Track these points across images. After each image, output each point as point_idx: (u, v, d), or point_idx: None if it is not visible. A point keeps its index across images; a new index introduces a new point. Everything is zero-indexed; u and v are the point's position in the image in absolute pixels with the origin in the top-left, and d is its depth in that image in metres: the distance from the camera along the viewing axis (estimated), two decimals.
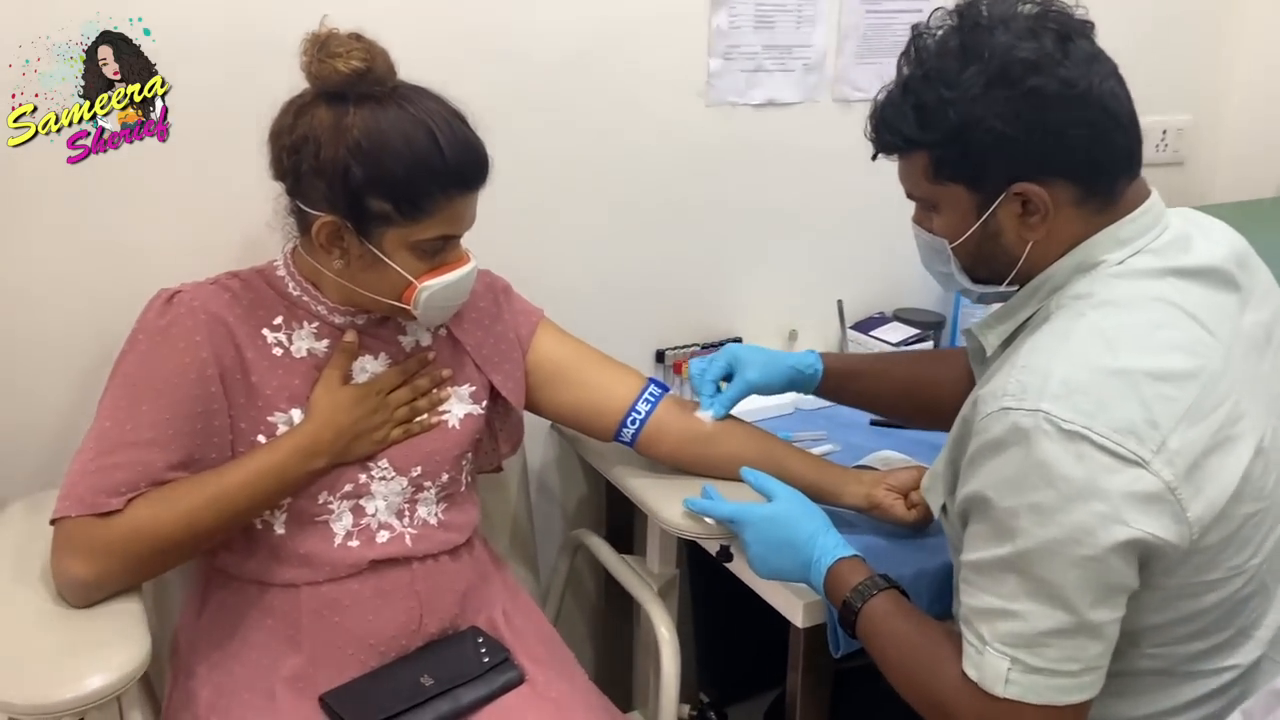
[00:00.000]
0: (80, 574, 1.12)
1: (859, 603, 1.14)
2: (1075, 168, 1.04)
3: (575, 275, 1.73)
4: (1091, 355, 0.98)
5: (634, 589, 1.48)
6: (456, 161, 1.18)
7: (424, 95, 1.21)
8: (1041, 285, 1.09)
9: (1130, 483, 0.94)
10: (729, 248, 1.85)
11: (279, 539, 1.25)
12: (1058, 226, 1.06)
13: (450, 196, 1.19)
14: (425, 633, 1.29)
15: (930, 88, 1.05)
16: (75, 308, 1.39)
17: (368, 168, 1.15)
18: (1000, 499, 0.98)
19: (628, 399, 1.40)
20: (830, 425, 1.76)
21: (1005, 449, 0.97)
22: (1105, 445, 0.94)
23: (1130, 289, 1.04)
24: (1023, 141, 1.02)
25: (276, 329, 1.26)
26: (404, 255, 1.21)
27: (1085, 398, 0.95)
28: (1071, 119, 1.01)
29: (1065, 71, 1.01)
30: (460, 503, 1.37)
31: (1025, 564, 0.97)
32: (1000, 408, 0.98)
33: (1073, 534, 0.94)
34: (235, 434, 1.23)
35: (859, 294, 1.98)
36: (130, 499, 1.13)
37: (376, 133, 1.15)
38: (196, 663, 1.26)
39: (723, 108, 1.76)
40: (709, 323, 1.88)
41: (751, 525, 1.25)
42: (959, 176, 1.07)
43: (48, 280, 1.37)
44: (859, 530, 1.42)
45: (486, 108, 1.54)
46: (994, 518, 0.99)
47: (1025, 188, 1.04)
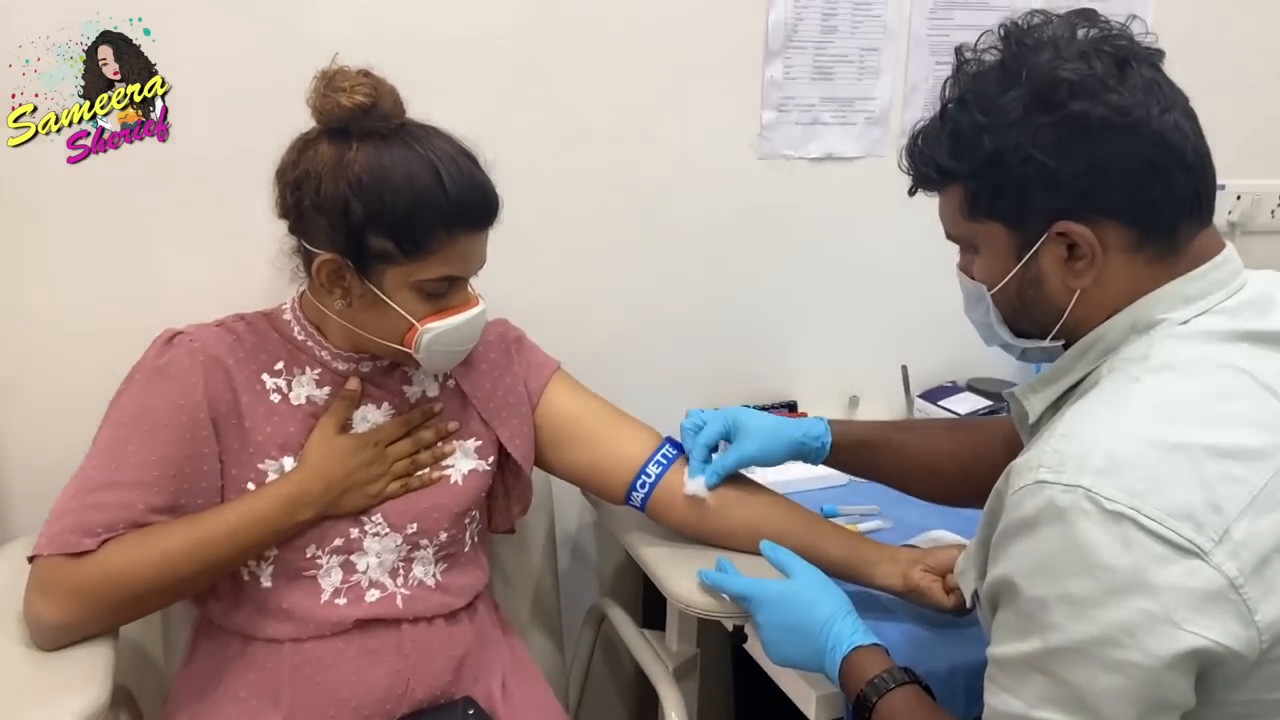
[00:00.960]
0: (48, 615, 1.09)
1: (874, 697, 1.02)
2: (1127, 207, 0.91)
3: (618, 330, 1.68)
4: (1144, 425, 0.84)
5: (648, 667, 1.38)
6: (460, 199, 1.14)
7: (431, 133, 1.18)
8: (1092, 346, 0.95)
9: (1185, 577, 0.79)
10: (783, 306, 1.77)
11: (264, 592, 1.20)
12: (1108, 276, 0.93)
13: (454, 235, 1.15)
14: (413, 699, 1.22)
15: (966, 113, 0.95)
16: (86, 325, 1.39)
17: (368, 204, 1.12)
18: (1029, 586, 0.85)
19: (638, 459, 1.31)
20: (886, 499, 1.62)
21: (1038, 529, 0.84)
22: (1156, 531, 0.80)
23: (1194, 352, 0.90)
24: (1065, 174, 0.90)
25: (277, 374, 1.23)
26: (406, 296, 1.16)
27: (1135, 474, 0.81)
28: (1122, 151, 0.90)
29: (1116, 98, 0.89)
30: (463, 564, 1.30)
31: (1054, 665, 0.83)
32: (1035, 481, 0.85)
33: (1111, 634, 0.80)
34: (226, 480, 1.19)
35: (927, 360, 1.86)
36: (105, 540, 1.10)
37: (378, 169, 1.12)
38: (177, 712, 1.22)
39: (776, 161, 1.69)
40: (761, 384, 1.79)
41: (764, 605, 1.14)
42: (996, 213, 0.96)
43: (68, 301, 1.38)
44: (896, 616, 1.30)
45: (527, 157, 1.53)
46: (1021, 608, 0.86)
47: (1069, 227, 0.92)
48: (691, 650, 1.37)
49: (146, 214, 1.39)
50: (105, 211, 1.37)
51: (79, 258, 1.38)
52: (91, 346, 1.29)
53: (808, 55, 1.65)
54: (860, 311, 1.82)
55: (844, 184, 1.74)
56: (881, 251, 1.79)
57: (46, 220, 1.35)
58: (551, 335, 1.48)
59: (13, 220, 1.34)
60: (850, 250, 1.78)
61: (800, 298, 1.77)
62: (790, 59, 1.64)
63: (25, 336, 1.38)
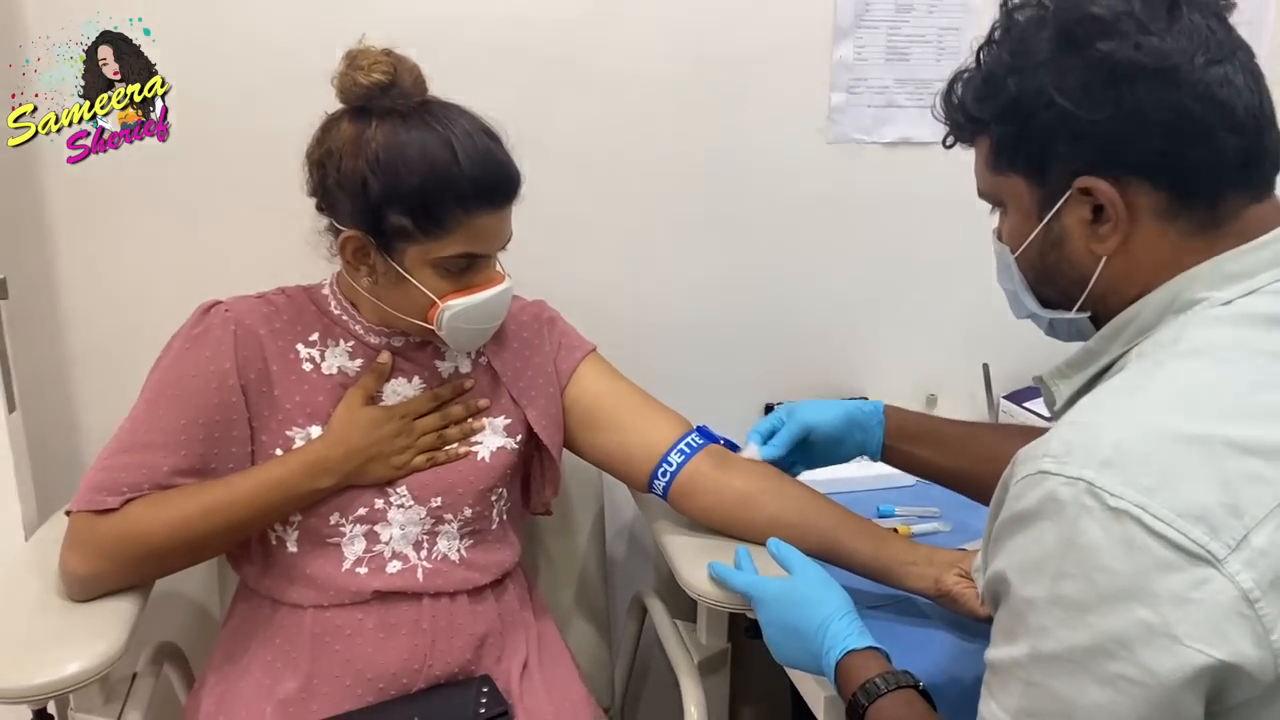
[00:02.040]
0: (75, 568, 1.15)
1: (865, 702, 0.96)
2: (1157, 166, 0.82)
3: (679, 321, 1.65)
4: (1161, 415, 0.75)
5: (675, 659, 1.34)
6: (475, 176, 1.14)
7: (452, 111, 1.18)
8: (1126, 326, 0.86)
9: (1191, 586, 0.70)
10: (854, 298, 1.70)
11: (291, 557, 1.23)
12: (1137, 244, 0.85)
13: (470, 212, 1.15)
14: (430, 674, 1.22)
15: (996, 54, 0.88)
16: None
17: (385, 181, 1.13)
18: (1022, 584, 0.77)
19: (661, 448, 1.28)
20: (950, 503, 1.53)
21: (1036, 523, 0.76)
22: (1162, 533, 0.70)
23: (1231, 337, 0.80)
24: (1089, 123, 0.82)
25: (311, 345, 1.26)
26: (427, 273, 1.17)
27: (1144, 468, 0.72)
28: (1154, 101, 0.80)
29: (1155, 41, 0.80)
30: (490, 541, 1.30)
31: (1041, 673, 0.75)
32: (1038, 471, 0.76)
33: (1104, 644, 0.72)
34: (256, 446, 1.22)
35: (1012, 359, 1.75)
36: (128, 499, 1.15)
37: (395, 146, 1.13)
38: (210, 671, 1.26)
39: (846, 145, 1.62)
40: (829, 378, 1.72)
41: (764, 604, 1.10)
42: (1018, 164, 0.88)
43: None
44: (931, 621, 1.22)
45: (584, 142, 1.52)
46: (1013, 607, 0.78)
47: (1092, 184, 0.83)
48: (721, 644, 1.33)
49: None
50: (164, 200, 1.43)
51: (142, 237, 1.45)
52: (153, 320, 1.35)
53: (880, 35, 1.58)
54: (938, 305, 1.73)
55: (921, 169, 1.65)
56: (962, 240, 1.68)
57: (114, 205, 1.42)
58: (610, 324, 1.48)
59: (85, 205, 1.41)
60: (927, 239, 1.69)
61: (873, 289, 1.70)
62: (861, 39, 1.57)
63: (94, 311, 1.46)
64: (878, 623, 1.21)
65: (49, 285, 1.43)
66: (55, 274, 1.43)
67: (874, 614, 1.24)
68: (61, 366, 1.46)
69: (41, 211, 1.39)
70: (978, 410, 1.75)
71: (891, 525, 1.45)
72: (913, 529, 1.45)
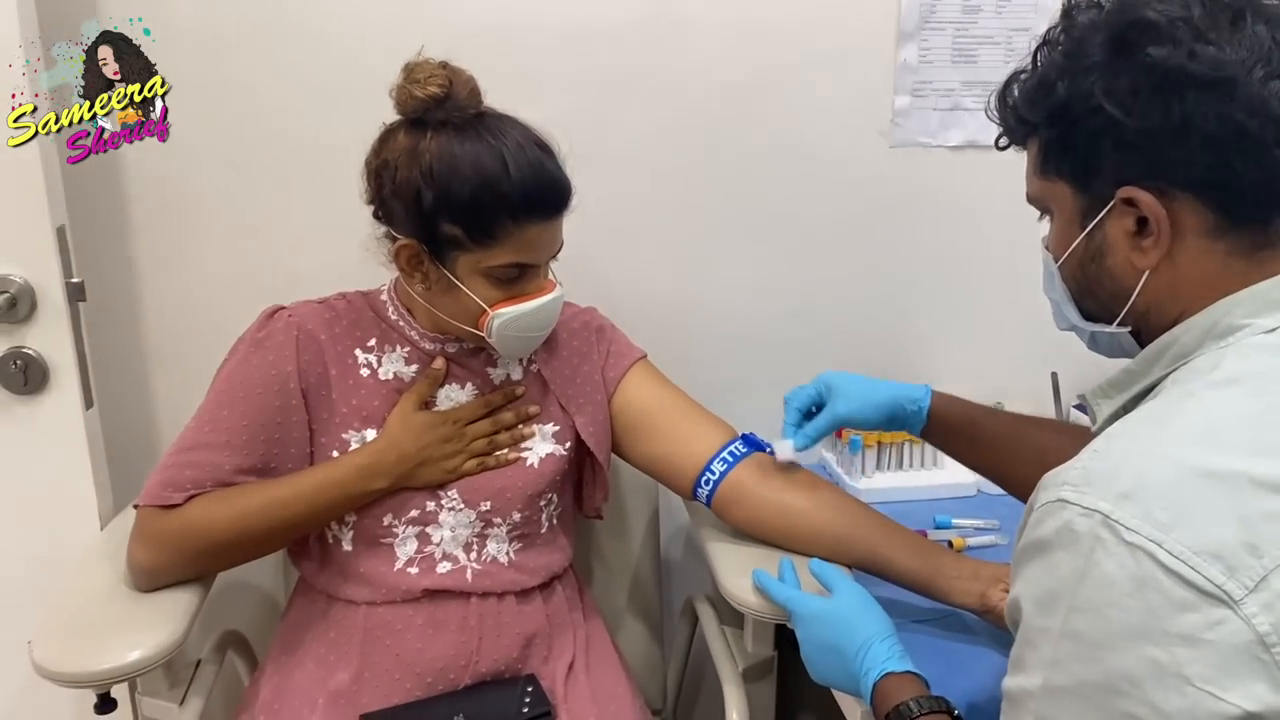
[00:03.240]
0: (140, 560, 1.20)
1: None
2: (1205, 181, 0.80)
3: (740, 327, 1.65)
4: (1185, 447, 0.73)
5: (720, 665, 1.34)
6: (524, 188, 1.16)
7: (506, 123, 1.20)
8: (1166, 350, 0.84)
9: (1205, 627, 0.68)
10: (918, 304, 1.67)
11: (346, 555, 1.27)
12: (1183, 262, 0.82)
13: (520, 224, 1.17)
14: (477, 671, 1.25)
15: (1051, 56, 0.86)
16: None
17: (438, 191, 1.16)
18: (1037, 614, 0.76)
19: (705, 455, 1.29)
20: (1012, 515, 1.47)
21: (1052, 553, 0.74)
22: (1178, 571, 0.68)
23: (1269, 366, 0.78)
24: (1135, 131, 0.80)
25: (369, 350, 1.30)
26: (477, 282, 1.20)
27: (1162, 502, 0.70)
28: (1204, 113, 0.78)
29: (1211, 51, 0.78)
30: (539, 545, 1.32)
31: (1050, 705, 0.74)
32: (1057, 499, 0.74)
33: (1114, 682, 0.70)
34: (315, 447, 1.27)
35: (1084, 367, 1.69)
36: (192, 496, 1.20)
37: (448, 157, 1.16)
38: (269, 661, 1.31)
39: (911, 149, 1.60)
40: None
41: (803, 621, 1.10)
42: (1064, 170, 0.87)
43: None
44: (977, 637, 1.20)
45: (642, 147, 1.52)
46: (1028, 637, 0.77)
47: (1135, 194, 0.82)
48: (767, 652, 1.32)
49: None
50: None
51: (215, 242, 1.51)
52: (223, 322, 1.40)
53: (946, 37, 1.55)
54: (1005, 312, 1.69)
55: (988, 174, 1.61)
56: (1029, 246, 1.63)
57: (188, 211, 1.48)
58: (666, 331, 1.50)
59: (160, 211, 1.47)
60: (993, 244, 1.65)
61: (938, 296, 1.67)
62: (926, 41, 1.55)
63: (168, 313, 1.52)
64: (921, 638, 1.20)
65: (127, 288, 1.50)
66: (133, 277, 1.50)
67: (918, 628, 1.22)
68: (137, 365, 1.53)
69: (121, 216, 1.45)
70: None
71: (947, 537, 1.43)
72: (969, 541, 1.42)
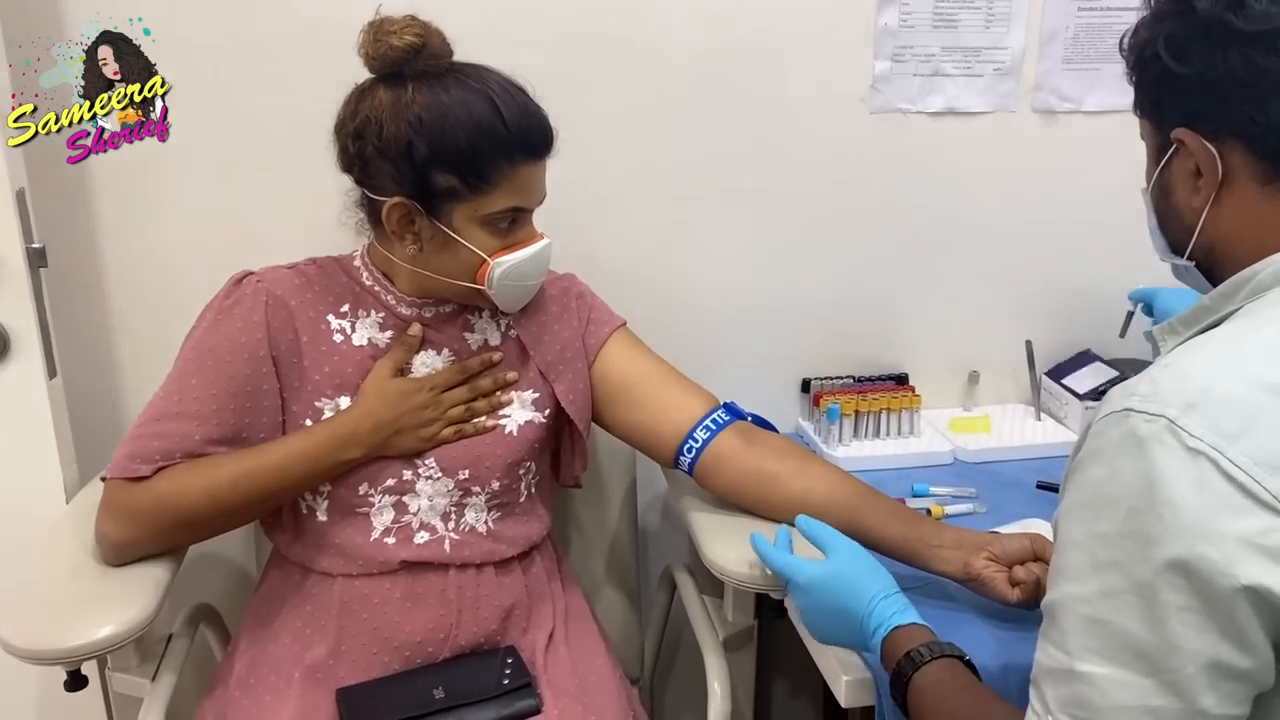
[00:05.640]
0: (109, 534, 1.17)
1: (910, 670, 0.95)
2: (1250, 130, 0.83)
3: (713, 293, 1.63)
4: (1254, 364, 0.77)
5: (700, 634, 1.34)
6: (519, 128, 1.16)
7: (481, 69, 1.20)
8: (1242, 286, 0.86)
9: (1259, 532, 0.71)
10: (896, 272, 1.66)
11: (321, 525, 1.25)
12: (1236, 205, 0.86)
13: (515, 164, 1.17)
14: (456, 643, 1.24)
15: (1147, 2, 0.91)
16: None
17: (431, 141, 1.14)
18: (1093, 519, 0.77)
19: (687, 423, 1.27)
20: (988, 483, 1.52)
21: (1113, 459, 0.76)
22: (1237, 478, 0.72)
23: None
24: (1185, 80, 0.85)
25: (342, 315, 1.27)
26: (475, 232, 1.19)
27: (1228, 412, 0.74)
28: (1248, 64, 0.82)
29: (1259, 6, 0.81)
30: (518, 514, 1.31)
31: (1107, 608, 0.75)
32: (1123, 408, 0.77)
33: (1169, 577, 0.72)
34: (287, 416, 1.24)
35: (1057, 335, 1.71)
36: (161, 468, 1.17)
37: (436, 105, 1.15)
38: (242, 636, 1.29)
39: (890, 115, 1.58)
40: (868, 355, 1.69)
41: (800, 589, 1.08)
42: (1144, 109, 0.92)
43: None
44: (959, 605, 1.20)
45: (614, 114, 1.50)
46: (1075, 543, 0.78)
47: (1185, 136, 0.86)
48: (747, 621, 1.32)
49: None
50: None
51: (180, 206, 1.46)
52: (191, 288, 1.36)
53: (927, 1, 1.53)
54: (981, 280, 1.69)
55: (968, 140, 1.61)
56: (1008, 214, 1.66)
57: (152, 174, 1.43)
58: (644, 299, 1.47)
59: (125, 174, 1.42)
60: (972, 212, 1.65)
61: (915, 263, 1.66)
62: (907, 5, 1.53)
63: (134, 278, 1.47)
64: None
65: (89, 252, 1.45)
66: (96, 242, 1.45)
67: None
68: (102, 333, 1.48)
69: (82, 180, 1.41)
70: (1019, 386, 1.71)
71: (925, 505, 1.43)
72: (946, 509, 1.42)
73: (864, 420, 1.60)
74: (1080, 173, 1.64)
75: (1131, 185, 1.00)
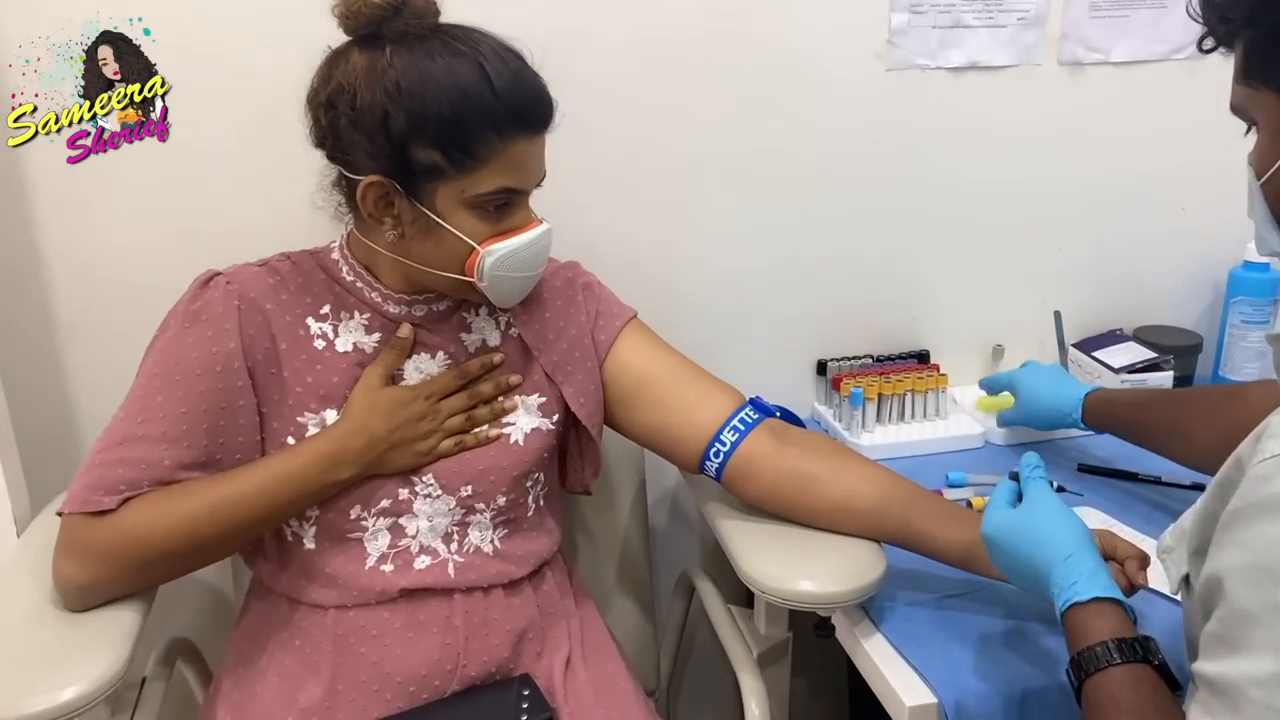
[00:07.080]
0: (69, 576, 1.03)
1: (1091, 668, 0.82)
2: None
3: (722, 269, 1.50)
4: None
5: (731, 649, 1.23)
6: (510, 97, 1.01)
7: (471, 31, 1.05)
8: None
9: None
10: (915, 240, 1.55)
11: (308, 554, 1.12)
12: None
13: (506, 139, 1.02)
14: (464, 675, 1.11)
15: None
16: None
17: (409, 110, 1.00)
18: (1268, 586, 0.66)
19: (713, 425, 1.15)
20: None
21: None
22: None
23: None
24: None
25: (323, 318, 1.13)
26: (462, 216, 1.04)
27: None
28: None
29: None
30: (526, 530, 1.18)
31: (1268, 693, 0.64)
32: None
33: None
34: (266, 434, 1.10)
35: (1086, 304, 1.61)
36: (126, 498, 1.03)
37: (417, 71, 1.00)
38: (224, 676, 1.16)
39: (909, 72, 1.46)
40: (888, 331, 1.59)
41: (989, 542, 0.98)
42: (1270, 76, 0.77)
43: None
44: (1017, 612, 1.12)
45: (613, 74, 1.36)
46: (1247, 614, 0.67)
47: None
48: (782, 635, 1.22)
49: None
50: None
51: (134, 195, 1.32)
52: (151, 285, 1.22)
53: None
54: (1006, 247, 1.58)
55: (991, 97, 1.49)
56: (1035, 177, 1.55)
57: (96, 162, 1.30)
58: (650, 279, 1.37)
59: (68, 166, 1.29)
60: (995, 174, 1.54)
61: (935, 230, 1.55)
62: None
63: (84, 278, 1.33)
64: (957, 614, 1.11)
65: (29, 244, 1.30)
66: (38, 238, 1.29)
67: (952, 604, 1.13)
68: (48, 337, 1.33)
69: (17, 159, 1.27)
70: (1046, 360, 1.61)
71: (963, 496, 1.33)
72: (984, 499, 1.32)
73: (887, 404, 1.49)
74: (1109, 129, 1.53)
75: (1162, 141, 0.88)
